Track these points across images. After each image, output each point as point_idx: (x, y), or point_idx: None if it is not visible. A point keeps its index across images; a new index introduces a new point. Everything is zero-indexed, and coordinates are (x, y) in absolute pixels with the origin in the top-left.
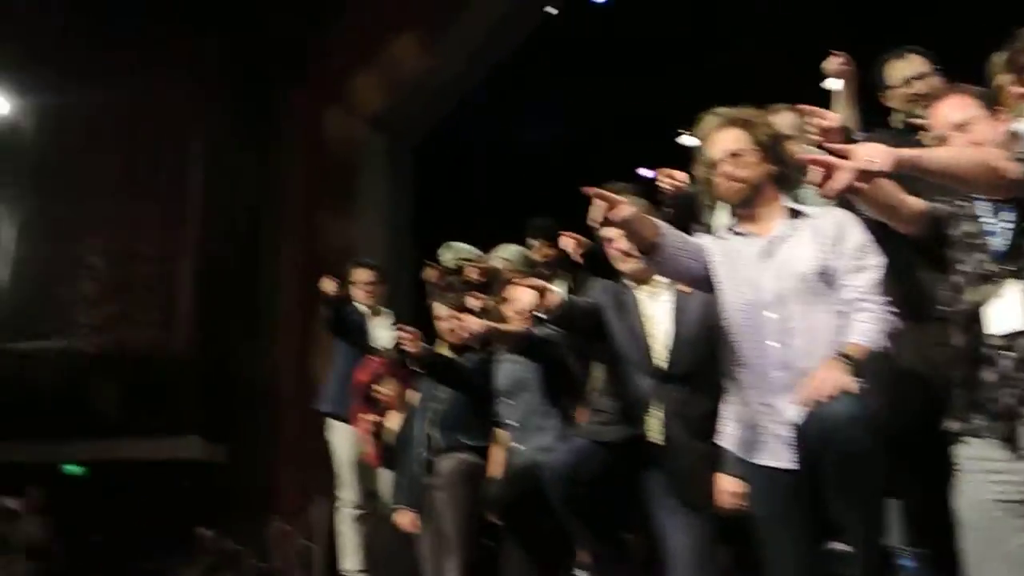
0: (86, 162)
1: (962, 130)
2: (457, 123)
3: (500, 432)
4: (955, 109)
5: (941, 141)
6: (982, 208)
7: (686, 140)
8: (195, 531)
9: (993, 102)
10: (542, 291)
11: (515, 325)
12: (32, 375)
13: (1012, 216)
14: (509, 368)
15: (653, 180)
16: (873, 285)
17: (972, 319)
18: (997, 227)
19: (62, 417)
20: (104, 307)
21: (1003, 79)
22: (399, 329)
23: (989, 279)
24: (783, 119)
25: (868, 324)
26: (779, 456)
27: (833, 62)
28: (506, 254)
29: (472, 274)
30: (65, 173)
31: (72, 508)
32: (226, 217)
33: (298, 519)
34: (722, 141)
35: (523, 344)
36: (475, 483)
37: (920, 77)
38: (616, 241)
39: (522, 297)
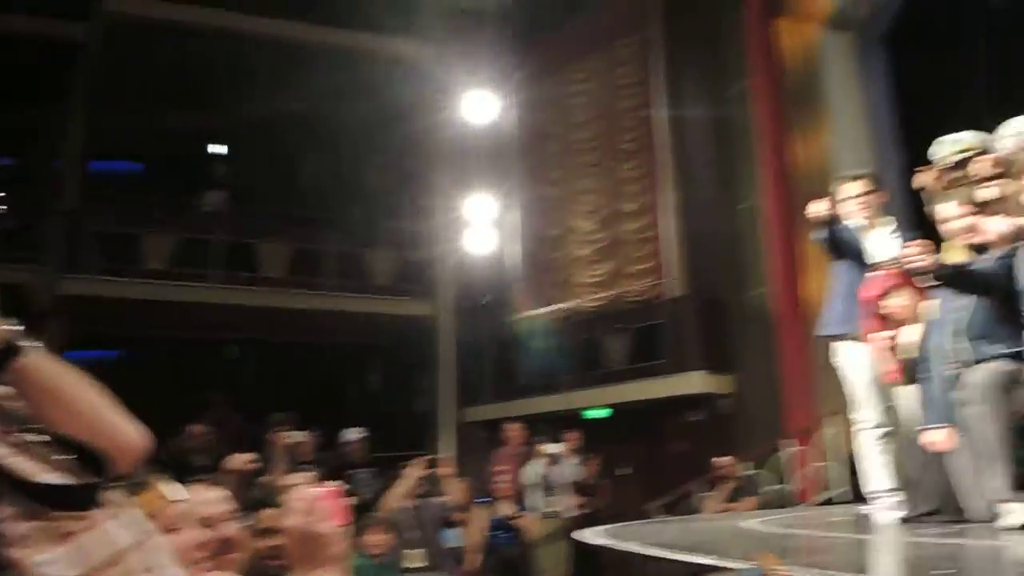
0: (566, 140)
1: None
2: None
3: None
4: None
5: None
6: None
7: None
8: (713, 460)
9: None
10: None
11: None
12: (552, 335)
13: None
14: None
15: None
16: None
17: None
18: None
19: (581, 369)
20: (600, 266)
21: None
22: (905, 246)
23: None
24: None
25: None
26: None
27: None
28: (1013, 129)
29: (982, 168)
30: (550, 154)
31: (600, 448)
32: (696, 155)
33: (809, 441)
34: None
35: None
36: (1009, 392)
37: None
38: None
39: None
